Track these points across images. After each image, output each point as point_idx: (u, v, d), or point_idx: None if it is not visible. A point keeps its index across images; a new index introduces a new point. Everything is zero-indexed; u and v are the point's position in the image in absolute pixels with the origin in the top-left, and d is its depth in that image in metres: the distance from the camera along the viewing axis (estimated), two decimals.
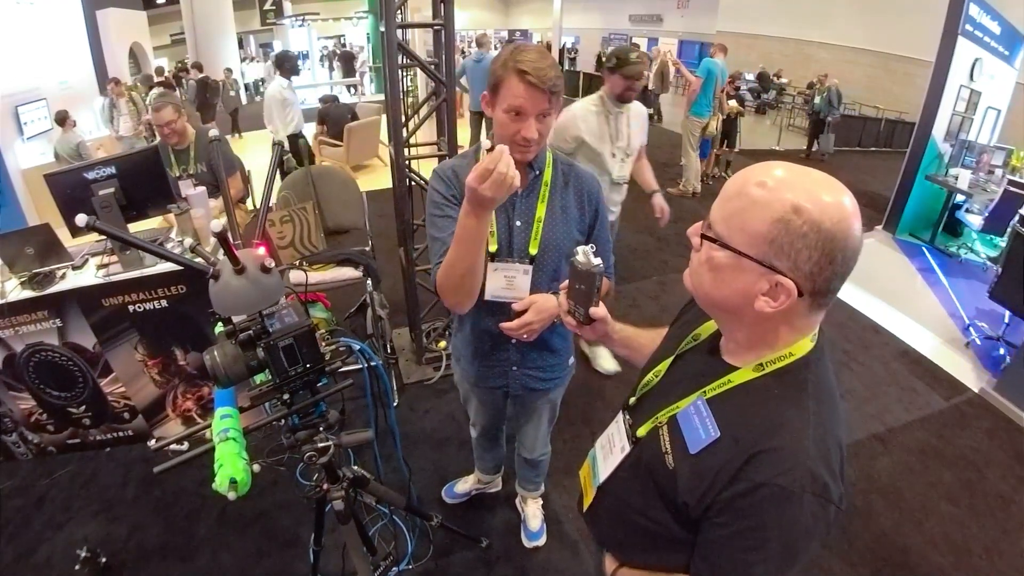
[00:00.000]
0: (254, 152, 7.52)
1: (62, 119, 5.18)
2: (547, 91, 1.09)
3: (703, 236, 0.69)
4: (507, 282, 1.29)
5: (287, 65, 4.92)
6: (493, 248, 1.28)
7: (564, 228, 1.30)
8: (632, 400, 0.89)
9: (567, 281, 0.96)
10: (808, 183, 0.62)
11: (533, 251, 1.28)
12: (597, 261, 0.87)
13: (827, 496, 0.63)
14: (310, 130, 6.14)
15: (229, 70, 10.55)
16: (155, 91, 4.66)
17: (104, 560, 1.88)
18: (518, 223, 1.28)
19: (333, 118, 6.54)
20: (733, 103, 6.58)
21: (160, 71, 9.61)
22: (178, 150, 2.75)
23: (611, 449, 0.89)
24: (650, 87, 8.61)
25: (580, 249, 0.89)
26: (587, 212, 1.33)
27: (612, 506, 0.87)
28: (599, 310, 0.93)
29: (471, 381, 1.56)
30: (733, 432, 0.68)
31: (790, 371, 0.69)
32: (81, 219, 0.86)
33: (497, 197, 0.92)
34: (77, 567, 1.81)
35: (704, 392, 0.74)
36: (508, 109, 1.11)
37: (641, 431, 0.82)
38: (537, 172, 1.28)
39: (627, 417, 0.88)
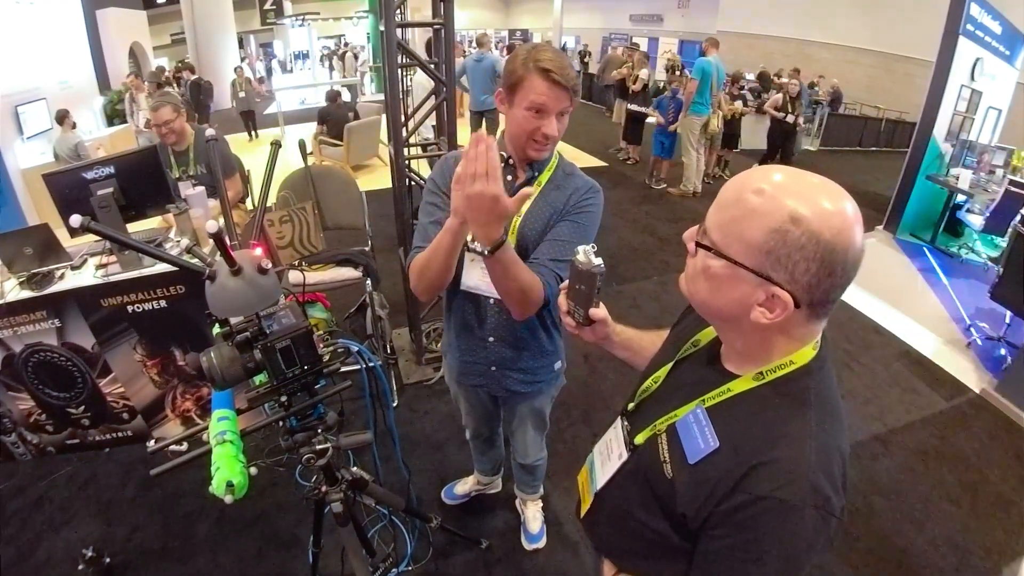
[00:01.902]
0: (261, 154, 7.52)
1: (62, 117, 5.17)
2: (569, 89, 1.12)
3: (698, 244, 0.67)
4: (483, 274, 1.27)
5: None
6: (471, 237, 1.26)
7: (545, 224, 1.27)
8: (631, 406, 0.88)
9: (567, 282, 0.95)
10: (808, 189, 0.60)
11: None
12: (598, 261, 0.86)
13: (829, 509, 0.61)
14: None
15: (240, 68, 9.49)
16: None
17: (108, 560, 1.88)
18: None
19: (335, 118, 6.53)
20: (738, 104, 6.55)
21: (161, 70, 9.54)
22: (177, 151, 2.74)
23: (609, 455, 0.88)
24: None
25: (581, 248, 0.87)
26: (567, 209, 1.28)
27: (610, 513, 0.86)
28: (599, 311, 0.92)
29: (455, 377, 1.57)
30: (733, 443, 0.66)
31: (791, 380, 0.67)
32: (75, 220, 0.85)
33: (478, 213, 0.92)
34: (81, 567, 1.81)
35: (704, 401, 0.72)
36: (530, 107, 1.13)
37: (639, 439, 0.80)
38: (535, 173, 1.27)
39: (625, 423, 0.87)
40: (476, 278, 1.30)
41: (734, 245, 0.62)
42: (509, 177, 1.28)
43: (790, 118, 6.22)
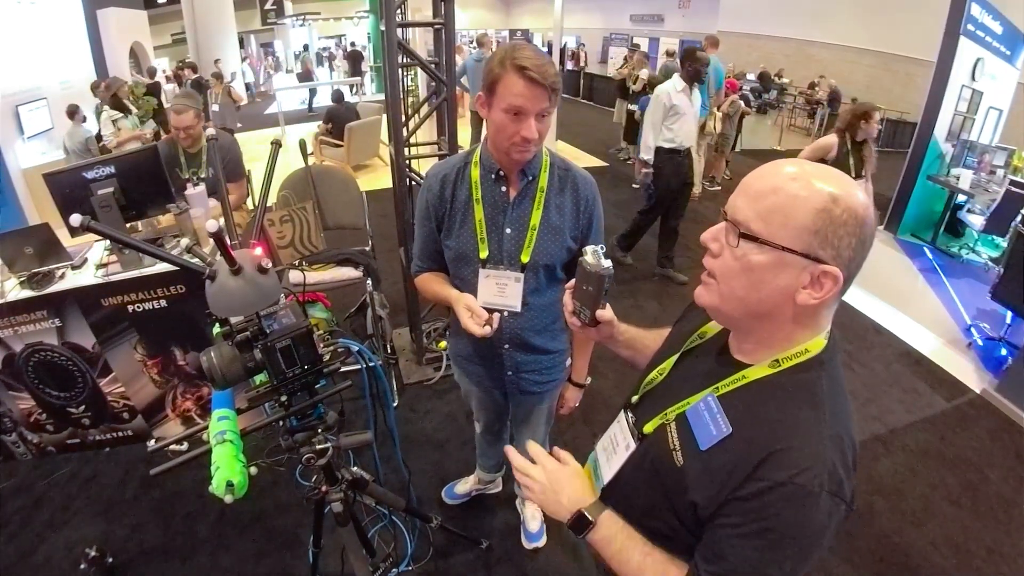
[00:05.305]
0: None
1: (72, 112, 5.16)
2: (548, 88, 1.07)
3: (743, 235, 0.65)
4: (499, 289, 1.29)
5: (689, 66, 3.49)
6: (484, 254, 1.27)
7: (559, 236, 1.28)
8: (634, 398, 0.88)
9: (573, 281, 0.94)
10: (827, 175, 0.63)
11: (525, 259, 1.27)
12: (607, 263, 0.86)
13: (841, 495, 0.63)
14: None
15: (218, 75, 8.07)
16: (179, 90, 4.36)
17: (110, 560, 1.88)
18: (508, 231, 1.27)
19: (342, 119, 6.53)
20: (740, 103, 6.52)
21: (152, 72, 9.30)
22: (190, 153, 2.76)
23: (615, 449, 0.87)
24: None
25: (589, 249, 0.87)
26: (582, 217, 1.30)
27: (616, 509, 0.86)
28: (605, 312, 0.91)
29: (469, 381, 1.58)
30: (747, 429, 0.67)
31: (805, 368, 0.69)
32: (75, 219, 0.85)
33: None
34: (83, 566, 1.81)
35: (717, 388, 0.73)
36: (508, 108, 1.09)
37: (648, 428, 0.81)
38: (531, 178, 1.26)
39: (630, 415, 0.87)
40: (491, 294, 1.29)
41: (780, 232, 0.63)
42: (503, 188, 1.26)
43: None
